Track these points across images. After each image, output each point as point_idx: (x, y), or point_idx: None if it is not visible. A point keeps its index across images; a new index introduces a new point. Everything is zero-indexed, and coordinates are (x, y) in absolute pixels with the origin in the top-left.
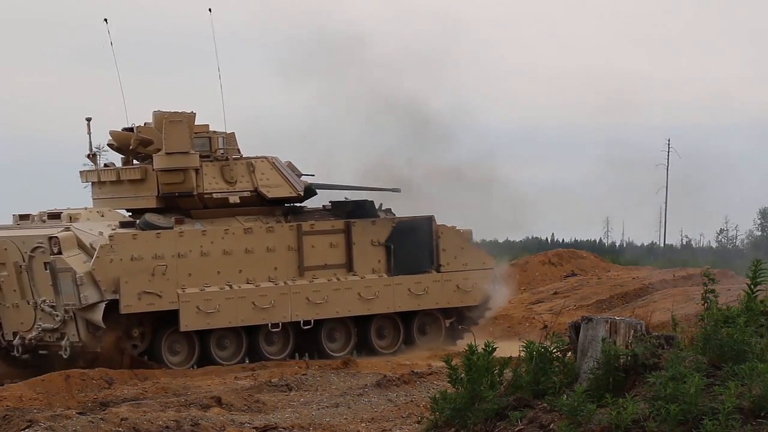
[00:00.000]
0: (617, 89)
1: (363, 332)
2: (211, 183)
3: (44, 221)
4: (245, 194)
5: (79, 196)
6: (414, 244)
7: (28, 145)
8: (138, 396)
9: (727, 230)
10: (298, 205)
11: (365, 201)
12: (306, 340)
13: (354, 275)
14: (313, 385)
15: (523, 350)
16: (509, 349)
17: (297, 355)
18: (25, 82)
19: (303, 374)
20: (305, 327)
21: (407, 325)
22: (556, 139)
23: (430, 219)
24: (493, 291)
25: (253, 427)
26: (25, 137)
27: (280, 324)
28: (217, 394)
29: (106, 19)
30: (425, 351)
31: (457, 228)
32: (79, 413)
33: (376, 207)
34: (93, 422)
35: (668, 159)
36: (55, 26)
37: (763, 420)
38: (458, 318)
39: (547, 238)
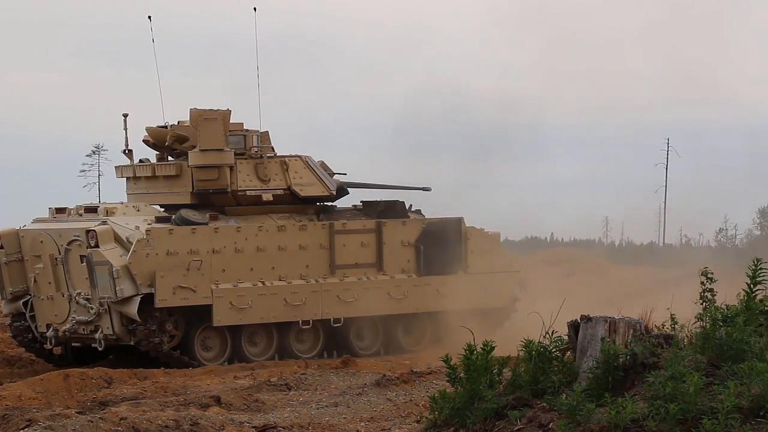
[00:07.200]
0: (617, 88)
1: (391, 331)
2: (245, 180)
3: (81, 215)
4: (278, 192)
5: (78, 196)
6: (443, 246)
7: (29, 144)
8: (137, 395)
9: (726, 230)
10: (329, 204)
11: (396, 201)
12: (335, 337)
13: (384, 275)
14: (312, 385)
15: (522, 349)
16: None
17: (325, 353)
18: (27, 81)
19: (302, 373)
20: (335, 325)
21: (434, 324)
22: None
23: (459, 221)
24: (519, 293)
25: (253, 427)
26: (27, 136)
27: (311, 321)
28: (216, 393)
29: (150, 17)
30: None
31: (485, 230)
32: (79, 412)
33: (407, 207)
34: (92, 422)
35: (668, 159)
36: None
37: (762, 419)
38: (484, 319)
39: (546, 238)
